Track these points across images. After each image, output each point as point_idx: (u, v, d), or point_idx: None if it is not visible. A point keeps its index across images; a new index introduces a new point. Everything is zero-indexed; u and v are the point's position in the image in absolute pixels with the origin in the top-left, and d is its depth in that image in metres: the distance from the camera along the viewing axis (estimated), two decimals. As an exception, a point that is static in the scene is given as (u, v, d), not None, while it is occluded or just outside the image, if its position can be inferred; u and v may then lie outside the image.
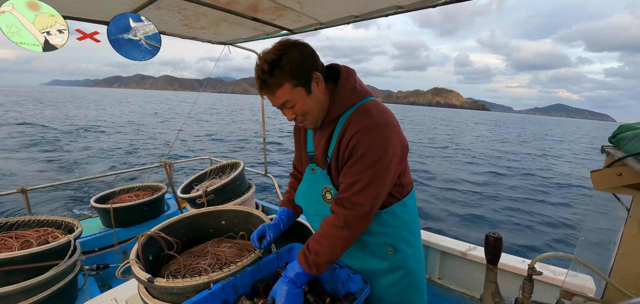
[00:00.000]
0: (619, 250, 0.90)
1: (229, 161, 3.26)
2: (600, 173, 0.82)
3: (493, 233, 0.70)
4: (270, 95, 0.93)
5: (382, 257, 1.08)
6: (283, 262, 1.23)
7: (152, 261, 1.32)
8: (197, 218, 1.57)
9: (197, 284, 0.98)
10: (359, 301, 0.97)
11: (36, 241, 1.82)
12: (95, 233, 2.61)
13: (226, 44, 2.81)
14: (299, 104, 0.94)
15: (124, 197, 2.94)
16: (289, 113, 0.98)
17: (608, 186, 0.81)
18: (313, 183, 1.12)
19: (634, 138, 0.77)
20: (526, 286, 0.69)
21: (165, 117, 35.11)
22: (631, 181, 0.79)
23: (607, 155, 0.87)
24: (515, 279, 1.65)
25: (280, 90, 0.91)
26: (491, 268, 0.69)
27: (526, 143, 28.91)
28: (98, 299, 1.39)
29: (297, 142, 1.24)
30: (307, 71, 0.92)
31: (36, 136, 17.06)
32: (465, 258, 1.84)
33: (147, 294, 1.09)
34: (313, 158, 1.12)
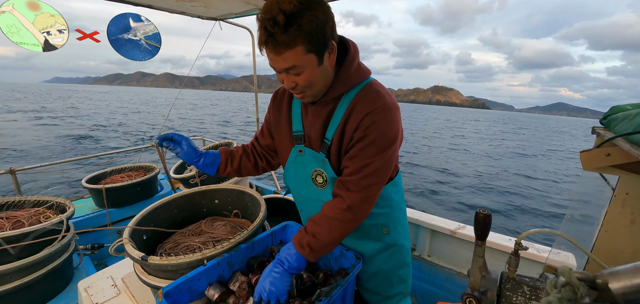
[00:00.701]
0: (602, 228, 0.93)
1: (222, 141, 3.23)
2: (589, 153, 0.84)
3: (483, 210, 0.71)
4: (277, 54, 0.77)
5: (377, 238, 1.11)
6: (277, 240, 1.24)
7: (146, 240, 1.33)
8: (190, 197, 1.56)
9: (191, 261, 0.99)
10: (352, 276, 1.00)
11: (28, 222, 1.80)
12: (88, 214, 2.60)
13: (217, 20, 2.72)
14: (306, 73, 0.81)
15: (116, 177, 2.91)
16: (289, 81, 0.84)
17: (596, 166, 0.83)
18: (301, 165, 1.05)
19: (625, 119, 0.78)
20: (512, 260, 0.71)
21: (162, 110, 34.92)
22: (619, 162, 0.81)
23: (597, 136, 0.89)
24: (501, 256, 1.71)
25: (291, 52, 0.76)
26: (480, 244, 0.71)
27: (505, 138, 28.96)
28: (94, 277, 1.40)
29: (275, 116, 1.10)
30: (326, 38, 0.79)
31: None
32: (455, 236, 1.89)
33: (142, 272, 1.10)
34: (301, 139, 1.02)
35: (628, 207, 0.88)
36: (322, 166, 1.00)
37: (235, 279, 1.00)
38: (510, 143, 19.03)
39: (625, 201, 0.88)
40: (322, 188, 1.04)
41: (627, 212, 0.88)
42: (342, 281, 0.96)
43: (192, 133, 16.22)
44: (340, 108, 0.92)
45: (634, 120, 0.71)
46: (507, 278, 0.74)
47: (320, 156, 0.98)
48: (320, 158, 0.99)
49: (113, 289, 1.31)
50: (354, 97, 0.91)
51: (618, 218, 0.89)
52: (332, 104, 0.94)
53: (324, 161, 0.98)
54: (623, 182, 0.87)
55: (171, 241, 1.35)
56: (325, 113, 0.95)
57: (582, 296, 0.45)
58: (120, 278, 1.35)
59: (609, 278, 0.43)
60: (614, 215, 0.90)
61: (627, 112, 0.82)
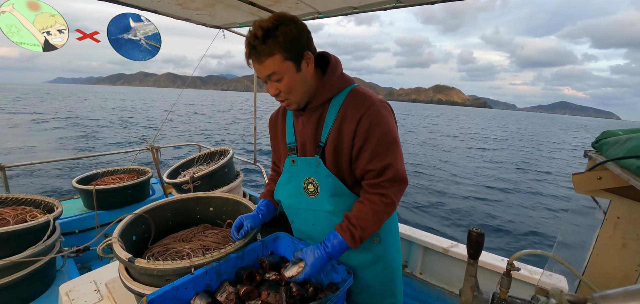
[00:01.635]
0: (594, 251, 0.93)
1: (218, 148, 3.21)
2: (581, 176, 0.85)
3: (476, 229, 0.71)
4: (259, 63, 0.90)
5: (367, 248, 1.10)
6: (268, 250, 1.22)
7: (135, 242, 1.30)
8: (185, 202, 1.54)
9: (178, 268, 0.97)
10: (342, 291, 0.98)
11: (13, 220, 1.75)
12: (76, 215, 2.54)
13: (221, 28, 2.75)
14: (286, 79, 0.92)
15: (108, 179, 2.86)
16: (273, 88, 0.95)
17: (588, 188, 0.84)
18: (293, 175, 1.10)
19: (616, 143, 0.79)
20: (504, 281, 0.71)
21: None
22: (610, 186, 0.82)
23: (589, 159, 0.90)
24: (493, 276, 1.70)
25: (270, 60, 0.88)
26: (472, 263, 0.70)
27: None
28: (76, 281, 1.36)
29: (273, 136, 1.21)
30: (300, 47, 0.91)
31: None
32: (447, 254, 1.88)
33: (127, 277, 1.07)
34: (294, 149, 1.09)
35: (619, 231, 0.88)
36: (315, 172, 1.04)
37: (222, 289, 0.98)
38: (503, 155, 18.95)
39: (617, 225, 0.88)
40: (312, 197, 1.07)
41: (618, 236, 0.88)
42: (332, 296, 0.94)
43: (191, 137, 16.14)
44: (330, 112, 1.00)
45: (625, 145, 0.73)
46: (498, 299, 0.73)
47: (314, 160, 1.03)
48: (313, 163, 1.03)
49: (95, 294, 1.26)
50: (342, 101, 0.99)
51: (609, 242, 0.90)
52: (320, 109, 1.02)
53: (318, 163, 1.02)
54: (614, 206, 0.88)
55: (160, 245, 1.33)
56: (316, 118, 1.02)
57: (573, 319, 0.44)
58: (104, 283, 1.31)
59: (600, 302, 0.43)
60: (605, 238, 0.90)
61: (618, 137, 0.83)
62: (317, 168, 1.03)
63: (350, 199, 1.05)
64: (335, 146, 0.99)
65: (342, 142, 0.98)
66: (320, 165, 1.02)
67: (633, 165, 0.66)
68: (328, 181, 1.03)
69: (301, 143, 1.08)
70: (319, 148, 1.02)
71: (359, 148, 0.96)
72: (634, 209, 0.85)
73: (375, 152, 0.95)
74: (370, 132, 0.94)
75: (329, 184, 1.03)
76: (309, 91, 0.99)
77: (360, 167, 0.98)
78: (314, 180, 1.05)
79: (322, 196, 1.05)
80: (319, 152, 1.02)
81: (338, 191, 1.03)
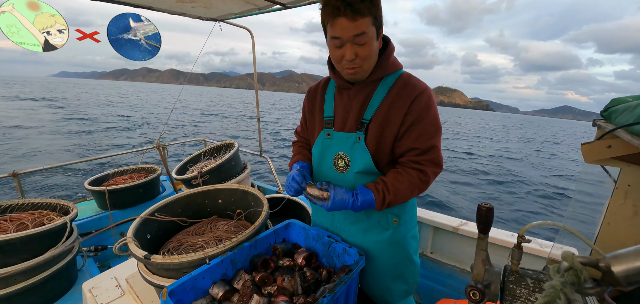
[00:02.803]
0: (605, 220, 0.93)
1: (223, 142, 3.24)
2: (590, 146, 0.84)
3: (485, 204, 0.71)
4: (351, 20, 0.86)
5: (385, 227, 1.11)
6: (280, 238, 1.25)
7: (150, 240, 1.34)
8: (194, 197, 1.57)
9: (193, 260, 1.00)
10: (355, 272, 1.00)
11: (32, 224, 1.81)
12: (91, 216, 2.61)
13: (217, 20, 2.72)
14: (368, 44, 0.92)
15: (118, 179, 2.92)
16: (351, 51, 0.92)
17: (598, 158, 0.83)
18: (326, 148, 1.12)
19: (625, 110, 0.78)
20: (515, 253, 0.71)
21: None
22: (620, 154, 0.81)
23: (598, 128, 0.89)
24: (504, 251, 1.71)
25: (365, 20, 0.87)
26: (482, 237, 0.71)
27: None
28: (98, 278, 1.41)
29: (311, 107, 1.20)
30: (382, 19, 0.94)
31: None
32: (457, 232, 1.89)
33: (146, 271, 1.11)
34: (331, 123, 1.10)
35: (630, 199, 0.88)
36: (350, 148, 1.05)
37: (239, 277, 1.01)
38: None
39: (627, 193, 0.88)
40: (341, 172, 1.09)
41: (629, 204, 0.88)
42: (345, 278, 0.96)
43: (195, 134, 16.27)
44: (379, 91, 1.02)
45: (635, 112, 0.72)
46: (510, 271, 0.74)
47: (353, 136, 1.04)
48: (351, 139, 1.05)
49: (117, 289, 1.31)
50: (393, 82, 1.02)
51: (620, 210, 0.89)
52: (371, 86, 1.04)
53: (358, 139, 1.03)
54: (625, 174, 0.87)
55: (175, 240, 1.36)
56: (364, 95, 1.04)
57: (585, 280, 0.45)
58: (124, 279, 1.35)
59: (612, 262, 0.43)
60: (616, 206, 0.90)
61: (628, 103, 0.82)
62: (355, 143, 1.04)
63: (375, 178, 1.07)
64: (382, 122, 1.00)
65: (390, 119, 1.00)
66: (361, 141, 1.03)
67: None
68: (362, 158, 1.03)
69: (341, 118, 1.08)
70: (362, 125, 1.03)
71: (409, 126, 0.98)
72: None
73: (424, 131, 0.98)
74: (423, 113, 0.97)
75: (363, 161, 1.03)
76: (373, 65, 1.00)
77: (405, 144, 1.00)
78: (345, 155, 1.06)
79: (350, 172, 1.07)
80: (362, 128, 1.03)
81: (367, 170, 1.04)
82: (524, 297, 0.69)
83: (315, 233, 1.21)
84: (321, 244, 1.19)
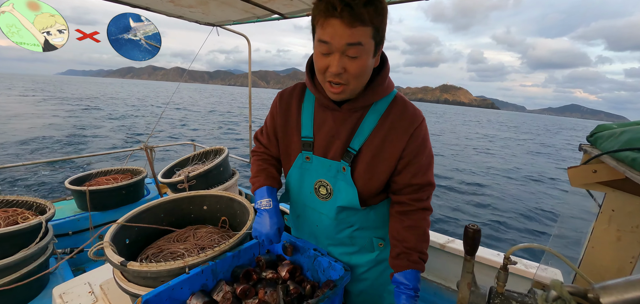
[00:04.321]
0: (589, 244, 0.94)
1: (213, 147, 3.19)
2: (577, 170, 0.85)
3: (472, 225, 0.71)
4: (348, 26, 0.71)
5: (370, 251, 1.09)
6: (264, 249, 1.21)
7: (129, 245, 1.28)
8: (178, 202, 1.52)
9: (172, 269, 0.95)
10: (339, 288, 0.97)
11: (4, 222, 1.72)
12: (69, 216, 2.50)
13: (214, 26, 2.72)
14: (362, 59, 0.77)
15: (101, 180, 2.82)
16: (340, 63, 0.77)
17: (583, 182, 0.84)
18: (306, 172, 1.01)
19: (610, 137, 0.79)
20: (501, 275, 0.70)
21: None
22: (605, 179, 0.82)
23: (584, 153, 0.90)
24: (490, 271, 1.71)
25: (363, 29, 0.73)
26: (469, 259, 0.70)
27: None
28: (71, 283, 1.34)
29: (284, 120, 1.03)
30: (383, 35, 0.79)
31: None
32: (444, 250, 1.89)
33: (122, 278, 1.05)
34: (310, 145, 0.97)
35: (614, 224, 0.89)
36: (333, 177, 0.96)
37: (219, 289, 0.97)
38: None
39: (611, 218, 0.89)
40: (324, 200, 1.01)
41: (613, 229, 0.89)
42: (329, 293, 0.93)
43: (186, 136, 16.03)
44: (369, 118, 0.90)
45: (620, 138, 0.73)
46: (495, 293, 0.73)
47: (338, 166, 0.94)
48: (335, 168, 0.95)
49: (90, 296, 1.25)
50: (385, 109, 0.91)
51: (604, 235, 0.90)
52: (360, 112, 0.91)
53: (343, 170, 0.93)
54: (609, 199, 0.88)
55: (154, 246, 1.31)
56: (354, 120, 0.92)
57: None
58: (98, 285, 1.29)
59: (601, 293, 0.43)
60: (600, 231, 0.91)
61: (613, 130, 0.84)
62: (339, 174, 0.94)
63: (359, 215, 1.02)
64: (375, 155, 0.91)
65: (385, 152, 0.90)
66: (346, 172, 0.93)
67: (628, 158, 0.66)
68: (347, 192, 0.95)
69: (324, 142, 0.95)
70: (348, 154, 0.92)
71: (407, 163, 0.91)
72: (628, 202, 0.85)
73: (421, 167, 0.91)
74: (421, 148, 0.90)
75: (347, 195, 0.95)
76: (363, 85, 0.87)
77: (403, 181, 0.93)
78: (327, 184, 0.97)
79: (332, 203, 0.99)
80: (348, 158, 0.92)
81: (351, 206, 0.96)
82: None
83: (300, 245, 1.18)
84: (306, 257, 1.16)
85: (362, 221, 1.03)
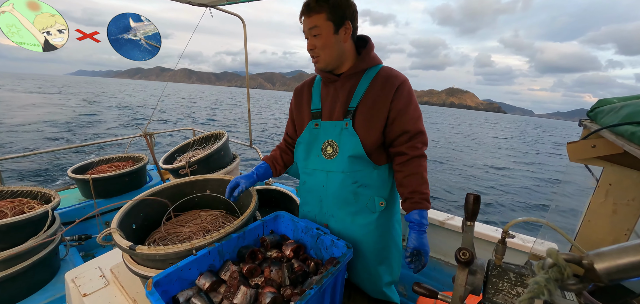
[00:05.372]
0: (585, 217, 0.96)
1: (212, 132, 3.18)
2: (576, 145, 0.86)
3: (472, 193, 0.73)
4: (307, 16, 1.06)
5: (372, 210, 1.16)
6: (268, 229, 1.24)
7: (135, 230, 1.31)
8: (181, 187, 1.54)
9: (180, 251, 0.98)
10: (342, 264, 1.00)
11: (11, 212, 1.75)
12: (74, 204, 2.54)
13: (207, 6, 2.65)
14: (323, 36, 1.05)
15: (104, 168, 2.84)
16: (310, 42, 1.09)
17: (582, 157, 0.85)
18: (314, 137, 1.20)
19: (610, 111, 0.80)
20: (499, 248, 0.73)
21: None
22: (604, 153, 0.83)
23: (583, 128, 0.91)
24: (488, 246, 1.76)
25: (317, 16, 1.04)
26: (469, 224, 0.73)
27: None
28: (82, 268, 1.38)
29: (298, 104, 1.28)
30: (343, 15, 1.05)
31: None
32: (443, 227, 1.92)
33: (131, 261, 1.08)
34: (318, 114, 1.19)
35: (610, 197, 0.90)
36: (338, 135, 1.13)
37: (226, 268, 1.00)
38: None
39: (608, 192, 0.90)
40: (330, 158, 1.16)
41: (609, 202, 0.91)
42: (333, 270, 0.96)
43: (183, 122, 15.98)
44: (363, 82, 1.12)
45: (619, 113, 0.73)
46: (494, 265, 0.76)
47: (341, 123, 1.13)
48: (339, 126, 1.13)
49: (101, 279, 1.29)
50: (375, 74, 1.11)
51: (601, 208, 0.92)
52: (355, 78, 1.13)
53: (345, 126, 1.11)
54: (607, 173, 0.90)
55: (161, 230, 1.34)
56: (350, 85, 1.13)
57: (568, 276, 0.46)
58: (109, 269, 1.33)
59: (595, 259, 0.44)
60: (597, 204, 0.93)
61: (613, 105, 0.84)
62: (343, 130, 1.12)
63: (366, 164, 1.12)
64: (369, 109, 1.09)
65: (377, 105, 1.08)
66: (348, 126, 1.11)
67: (627, 131, 0.66)
68: (351, 142, 1.10)
69: (329, 108, 1.17)
70: (348, 112, 1.11)
71: (397, 113, 1.07)
72: (625, 175, 0.86)
73: (411, 117, 1.08)
74: (407, 100, 1.08)
75: (353, 144, 1.10)
76: (339, 57, 1.10)
77: (396, 130, 1.09)
78: (333, 142, 1.14)
79: (340, 157, 1.13)
80: (348, 115, 1.11)
81: (358, 153, 1.10)
82: (506, 290, 0.71)
83: (303, 225, 1.20)
84: (309, 236, 1.18)
85: (366, 179, 1.14)
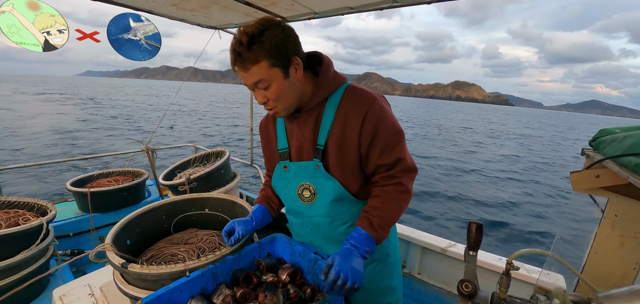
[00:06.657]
0: (592, 249, 0.93)
1: (214, 149, 3.19)
2: (579, 175, 0.85)
3: (475, 222, 0.71)
4: (245, 70, 0.86)
5: None
6: (265, 252, 1.21)
7: (129, 246, 1.28)
8: (179, 204, 1.52)
9: (172, 272, 0.95)
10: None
11: (5, 223, 1.72)
12: (70, 218, 2.51)
13: (216, 29, 2.73)
14: (273, 86, 0.88)
15: (103, 181, 2.83)
16: (260, 96, 0.92)
17: (586, 187, 0.84)
18: (285, 181, 1.09)
19: (613, 142, 0.79)
20: (503, 281, 0.70)
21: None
22: (608, 184, 0.82)
23: (586, 158, 0.90)
24: (492, 276, 1.70)
25: (256, 67, 0.84)
26: (472, 254, 0.70)
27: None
28: (71, 285, 1.34)
29: (266, 142, 1.17)
30: (287, 53, 0.87)
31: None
32: (445, 254, 1.88)
33: (122, 281, 1.05)
34: (286, 155, 1.06)
35: (617, 229, 0.88)
36: (312, 177, 1.02)
37: (219, 292, 0.96)
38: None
39: (614, 223, 0.88)
40: (308, 203, 1.06)
41: (616, 234, 0.88)
42: (330, 298, 0.93)
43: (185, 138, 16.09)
44: (328, 113, 0.97)
45: (623, 143, 0.72)
46: (497, 299, 0.73)
47: (312, 164, 1.00)
48: (311, 168, 1.01)
49: (90, 298, 1.24)
50: (339, 101, 0.97)
51: (607, 240, 0.90)
52: (317, 110, 0.99)
53: (317, 167, 0.99)
54: (612, 204, 0.88)
55: (155, 249, 1.31)
56: (313, 120, 0.99)
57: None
58: (99, 287, 1.28)
59: (604, 302, 0.42)
60: (603, 236, 0.90)
61: (616, 135, 0.83)
62: (316, 172, 1.00)
63: (353, 205, 1.04)
64: (339, 146, 0.96)
65: (346, 141, 0.96)
66: (320, 168, 0.99)
67: (631, 163, 0.65)
68: (329, 186, 1.00)
69: (297, 147, 1.04)
70: (318, 151, 0.99)
71: (368, 145, 0.95)
72: (631, 207, 0.85)
73: (385, 145, 0.94)
74: (378, 128, 0.93)
75: (331, 188, 1.00)
76: (299, 97, 0.96)
77: (372, 164, 0.97)
78: (309, 185, 1.03)
79: (320, 202, 1.04)
80: (318, 155, 0.99)
81: (339, 196, 1.01)
82: (511, 326, 0.67)
83: (301, 248, 1.17)
84: (307, 260, 1.15)
85: (355, 217, 1.05)
